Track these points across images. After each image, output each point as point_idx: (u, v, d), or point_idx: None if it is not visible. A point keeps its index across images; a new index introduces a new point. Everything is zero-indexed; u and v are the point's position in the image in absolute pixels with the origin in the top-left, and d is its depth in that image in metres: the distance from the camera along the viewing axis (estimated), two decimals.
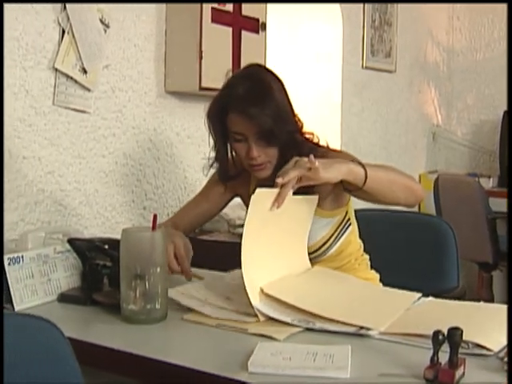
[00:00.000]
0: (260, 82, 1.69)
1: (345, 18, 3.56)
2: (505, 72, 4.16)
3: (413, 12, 4.17)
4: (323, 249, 1.76)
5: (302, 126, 1.77)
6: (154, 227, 1.39)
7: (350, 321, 1.28)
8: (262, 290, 1.39)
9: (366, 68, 3.74)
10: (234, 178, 1.88)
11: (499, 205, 3.72)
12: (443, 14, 4.56)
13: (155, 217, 1.39)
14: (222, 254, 2.63)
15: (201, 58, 2.43)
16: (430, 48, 4.43)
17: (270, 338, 1.25)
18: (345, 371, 1.07)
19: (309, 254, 1.68)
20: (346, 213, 1.82)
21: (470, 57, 4.58)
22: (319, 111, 3.56)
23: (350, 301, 1.43)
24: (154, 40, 2.48)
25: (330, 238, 1.78)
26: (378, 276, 1.90)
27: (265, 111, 1.63)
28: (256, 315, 1.35)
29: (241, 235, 2.65)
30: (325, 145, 1.80)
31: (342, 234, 1.81)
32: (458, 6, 4.55)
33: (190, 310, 1.45)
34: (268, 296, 1.38)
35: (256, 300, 1.36)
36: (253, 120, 1.63)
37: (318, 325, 1.28)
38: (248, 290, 1.35)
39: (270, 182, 1.56)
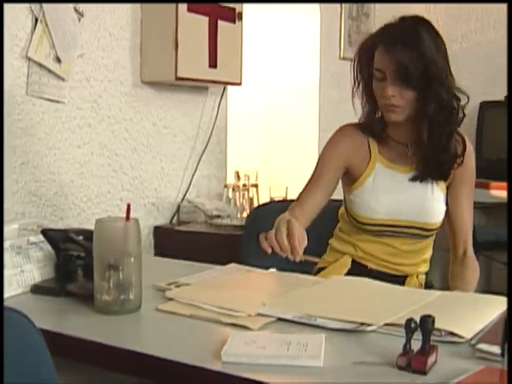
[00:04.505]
0: (414, 25, 1.72)
1: (322, 9, 3.55)
2: (481, 63, 4.19)
3: (390, 3, 4.17)
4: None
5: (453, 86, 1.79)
6: (127, 217, 1.38)
7: (350, 318, 1.27)
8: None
9: (344, 59, 3.73)
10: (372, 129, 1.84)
11: (478, 195, 3.74)
12: (420, 5, 4.57)
13: (129, 206, 1.38)
14: (200, 245, 2.63)
15: (177, 47, 2.42)
16: None
17: (244, 327, 1.24)
18: (318, 360, 1.07)
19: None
20: None
21: (447, 47, 4.59)
22: (297, 102, 3.56)
23: (355, 302, 1.42)
24: (129, 29, 2.46)
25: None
26: None
27: (410, 51, 1.66)
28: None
29: (218, 226, 2.66)
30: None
31: None
32: None
33: (164, 300, 1.44)
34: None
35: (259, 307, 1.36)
36: (394, 55, 1.67)
37: (320, 321, 1.27)
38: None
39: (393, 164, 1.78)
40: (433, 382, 1.01)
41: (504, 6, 4.39)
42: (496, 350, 1.07)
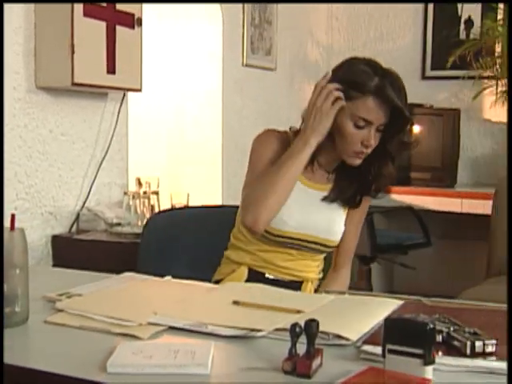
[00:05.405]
0: (400, 80, 1.75)
1: (225, 16, 3.57)
2: None
3: (293, 11, 4.23)
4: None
5: None
6: (12, 227, 1.33)
7: (241, 325, 1.27)
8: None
9: (247, 66, 3.77)
10: None
11: (379, 200, 3.84)
12: (322, 14, 4.67)
13: (13, 216, 1.33)
14: (100, 254, 2.58)
15: (73, 52, 2.37)
16: (309, 47, 4.52)
17: (134, 336, 1.23)
18: (205, 367, 1.06)
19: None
20: None
21: (348, 56, 4.69)
22: (199, 109, 3.55)
23: (247, 308, 1.40)
24: (22, 33, 2.39)
25: None
26: None
27: (401, 103, 1.72)
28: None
29: (119, 234, 2.61)
30: None
31: None
32: (336, 6, 4.67)
33: (54, 311, 1.40)
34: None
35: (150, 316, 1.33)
36: (386, 109, 1.70)
37: (211, 328, 1.26)
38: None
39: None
40: None
41: (400, 17, 4.55)
42: (379, 350, 1.09)
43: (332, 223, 1.86)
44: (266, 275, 1.85)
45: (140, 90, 2.75)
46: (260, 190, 1.74)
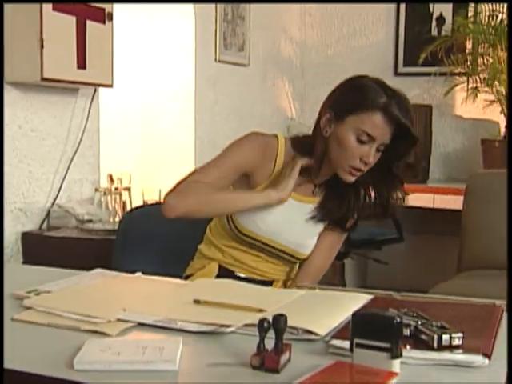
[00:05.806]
0: (408, 102, 1.73)
1: (197, 11, 3.55)
2: (352, 67, 4.32)
3: (266, 7, 4.23)
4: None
5: None
6: None
7: (210, 320, 1.26)
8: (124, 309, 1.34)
9: (219, 61, 3.76)
10: None
11: None
12: (295, 10, 4.67)
13: None
14: (71, 251, 2.56)
15: (42, 47, 2.35)
16: (283, 43, 4.52)
17: (103, 333, 1.22)
18: (173, 363, 1.06)
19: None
20: None
21: (321, 52, 4.72)
22: (172, 104, 3.54)
23: (217, 303, 1.40)
24: None
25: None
26: None
27: (408, 124, 1.68)
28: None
29: (90, 231, 2.60)
30: None
31: None
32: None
33: (22, 309, 1.39)
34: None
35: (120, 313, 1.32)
36: (391, 128, 1.67)
37: (180, 324, 1.26)
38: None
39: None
40: (282, 381, 1.03)
41: (373, 14, 4.58)
42: (347, 345, 1.09)
43: (306, 236, 1.83)
44: (236, 273, 1.85)
45: (111, 86, 2.73)
46: (203, 190, 1.69)
